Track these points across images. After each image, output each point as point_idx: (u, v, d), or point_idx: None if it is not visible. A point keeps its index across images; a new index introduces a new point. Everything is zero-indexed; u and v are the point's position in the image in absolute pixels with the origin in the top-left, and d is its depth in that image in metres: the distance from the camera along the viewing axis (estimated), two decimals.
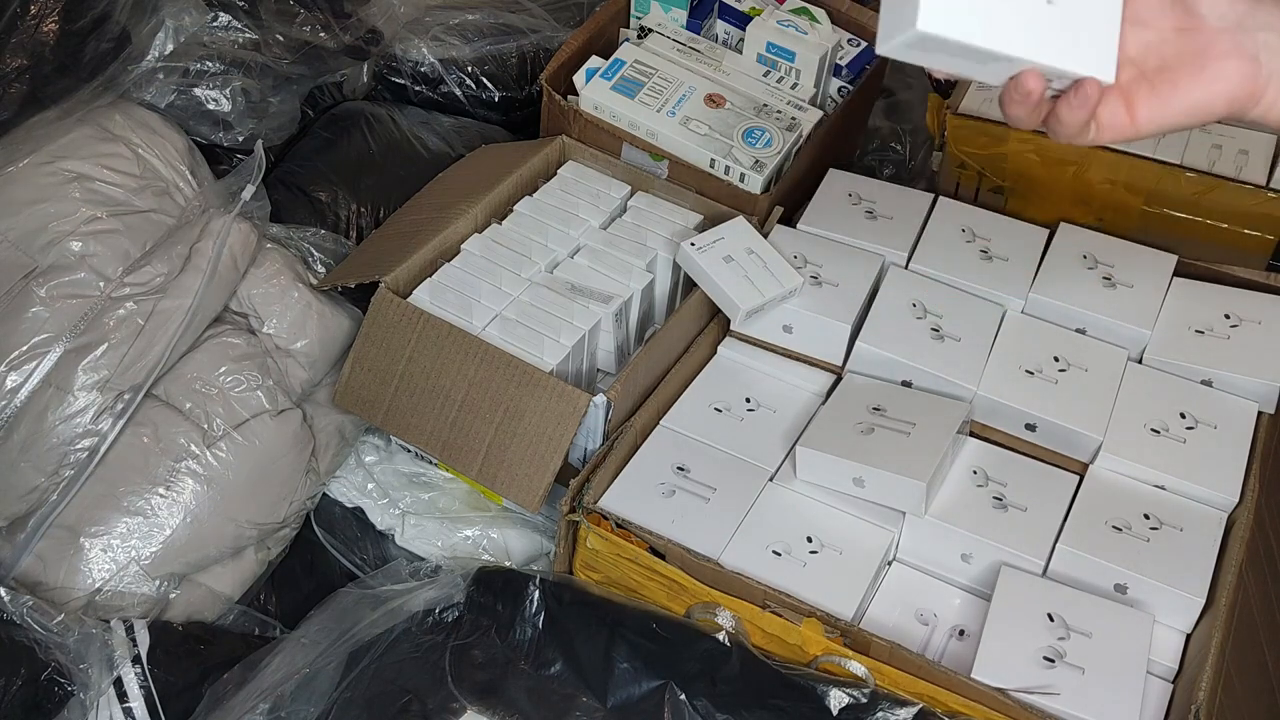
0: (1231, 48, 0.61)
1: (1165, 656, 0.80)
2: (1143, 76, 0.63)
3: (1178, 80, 0.62)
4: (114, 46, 1.00)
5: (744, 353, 1.00)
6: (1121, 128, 0.64)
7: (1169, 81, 0.62)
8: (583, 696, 0.78)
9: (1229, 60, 0.61)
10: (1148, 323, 0.97)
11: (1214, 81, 0.61)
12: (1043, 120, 0.65)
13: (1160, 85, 0.62)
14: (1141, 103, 0.63)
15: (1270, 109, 0.62)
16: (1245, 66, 0.61)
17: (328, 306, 1.00)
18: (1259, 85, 0.61)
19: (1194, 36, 0.62)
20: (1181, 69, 0.62)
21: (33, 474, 0.88)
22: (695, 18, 1.22)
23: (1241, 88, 0.61)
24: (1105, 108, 0.63)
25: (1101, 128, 0.64)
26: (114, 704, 0.81)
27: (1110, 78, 0.63)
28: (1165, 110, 0.63)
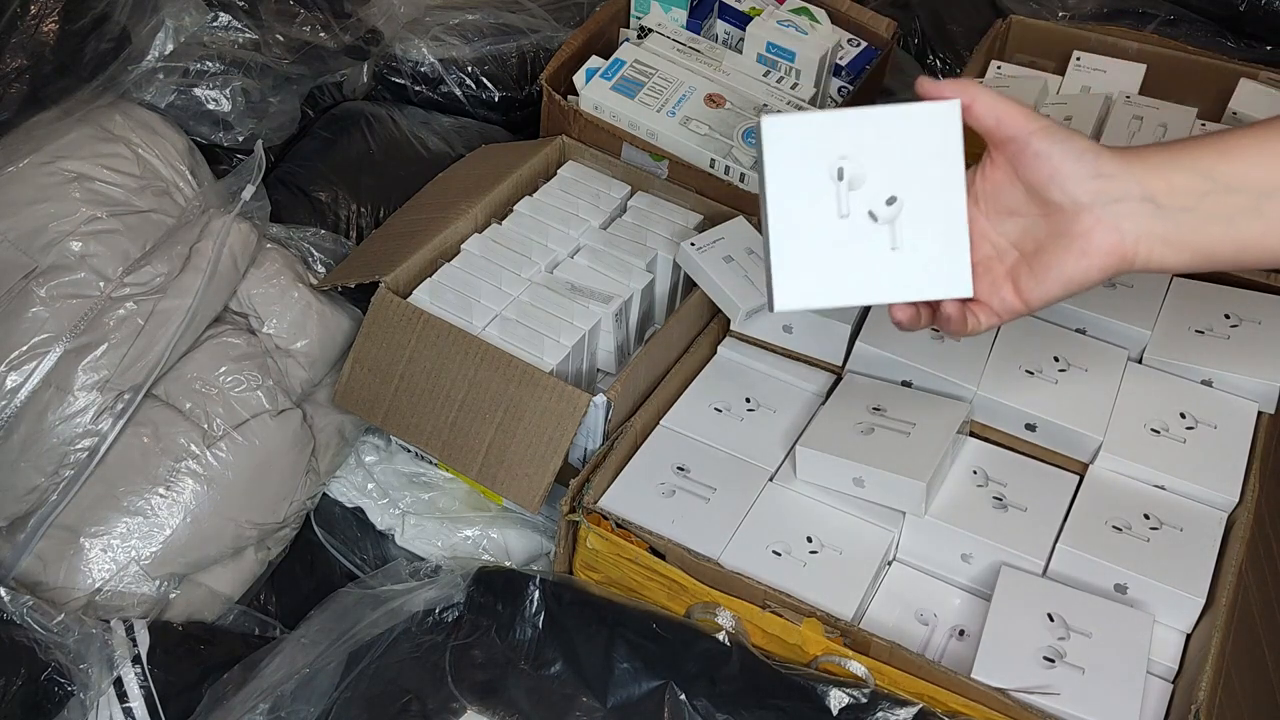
0: (1093, 225, 0.65)
1: (1165, 656, 0.80)
2: (1023, 259, 0.69)
3: (1052, 260, 0.67)
4: (114, 46, 1.00)
5: (744, 353, 1.00)
6: (1013, 308, 0.70)
7: (1045, 262, 0.67)
8: (583, 696, 0.78)
9: (1094, 235, 0.65)
10: (1148, 323, 0.97)
11: (1083, 256, 0.66)
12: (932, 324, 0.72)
13: (1038, 267, 0.68)
14: (1025, 284, 0.69)
15: (1147, 263, 0.66)
16: (1110, 237, 0.65)
17: (328, 306, 1.00)
18: (1127, 250, 0.65)
19: (1058, 219, 0.66)
20: (1054, 249, 0.67)
21: (33, 474, 0.88)
22: (695, 18, 1.22)
23: (1111, 256, 0.66)
24: (994, 295, 0.70)
25: (993, 313, 0.70)
26: (114, 704, 0.81)
27: (967, 291, 0.69)
28: (1048, 287, 0.68)
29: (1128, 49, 1.27)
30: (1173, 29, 1.39)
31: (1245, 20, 1.39)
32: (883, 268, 0.69)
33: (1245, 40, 1.40)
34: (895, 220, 0.69)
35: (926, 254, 0.69)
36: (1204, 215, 0.64)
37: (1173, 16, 1.41)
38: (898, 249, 0.69)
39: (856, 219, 0.69)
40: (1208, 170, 0.64)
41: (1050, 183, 0.66)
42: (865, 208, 0.69)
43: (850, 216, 0.69)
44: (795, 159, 0.68)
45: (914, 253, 0.69)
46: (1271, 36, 1.39)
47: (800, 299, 0.70)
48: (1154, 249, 0.65)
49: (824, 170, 0.68)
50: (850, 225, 0.69)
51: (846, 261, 0.69)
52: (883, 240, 0.69)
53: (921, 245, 0.69)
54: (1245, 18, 1.39)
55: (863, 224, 0.69)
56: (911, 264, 0.69)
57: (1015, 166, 0.67)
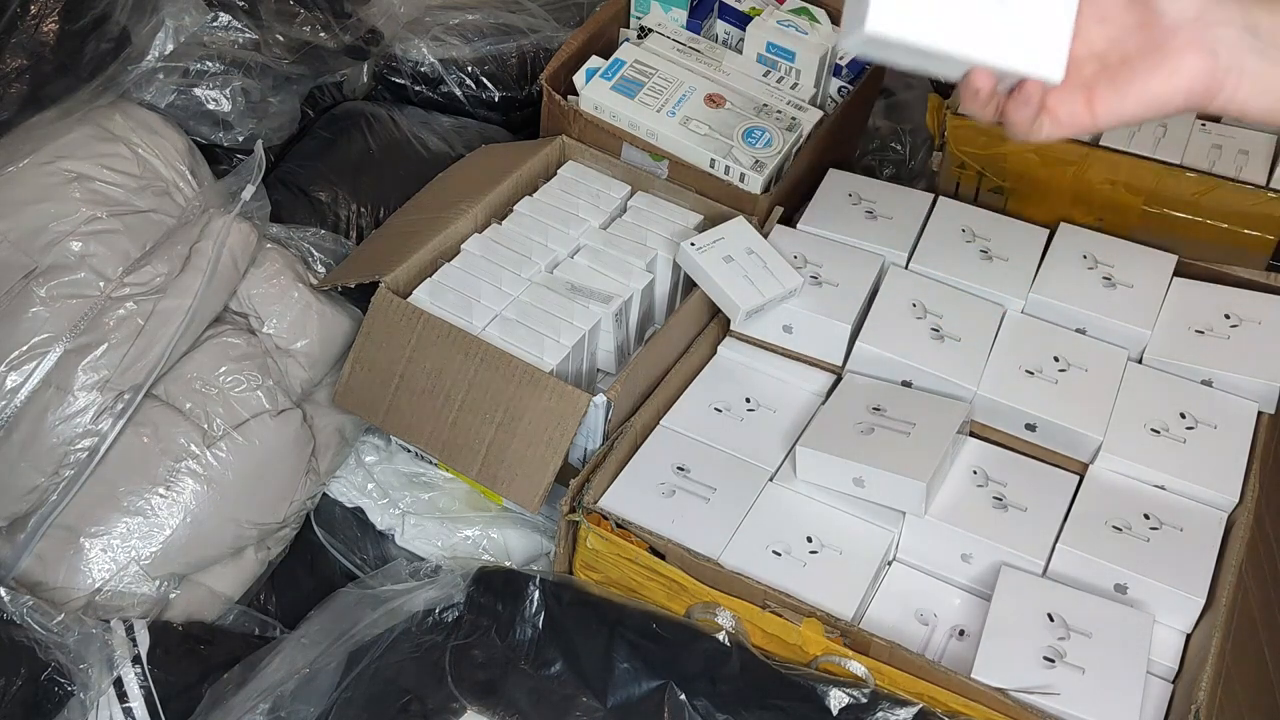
0: (1190, 42, 0.62)
1: (1165, 656, 0.80)
2: (1104, 70, 0.65)
3: (1136, 74, 0.64)
4: (114, 46, 1.00)
5: (744, 353, 1.00)
6: (1081, 122, 0.66)
7: (1128, 75, 0.64)
8: (583, 696, 0.78)
9: (1187, 54, 0.63)
10: (1148, 323, 0.97)
11: (1172, 75, 0.63)
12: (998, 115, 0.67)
13: (1120, 79, 0.64)
14: (1101, 96, 0.65)
15: (1230, 100, 0.63)
16: (1203, 60, 0.62)
17: (328, 306, 1.00)
18: (1217, 79, 0.63)
19: (1154, 32, 0.63)
20: (1141, 63, 0.64)
21: (33, 474, 0.88)
22: (695, 18, 1.22)
23: (1199, 81, 0.63)
24: (1063, 103, 0.65)
25: (1059, 122, 0.66)
26: (114, 704, 0.81)
27: (1058, 77, 0.64)
28: (1124, 103, 0.64)
29: None
30: None
31: None
32: (985, 21, 0.64)
33: None
34: None
35: (1030, 22, 0.64)
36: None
37: None
38: (1004, 6, 0.64)
39: None
40: None
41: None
42: None
43: None
44: None
45: (1019, 15, 0.64)
46: None
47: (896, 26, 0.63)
48: (1242, 84, 0.63)
49: None
50: None
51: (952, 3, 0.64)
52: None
53: (1028, 13, 0.64)
54: None
55: None
56: (1013, 27, 0.64)
57: None
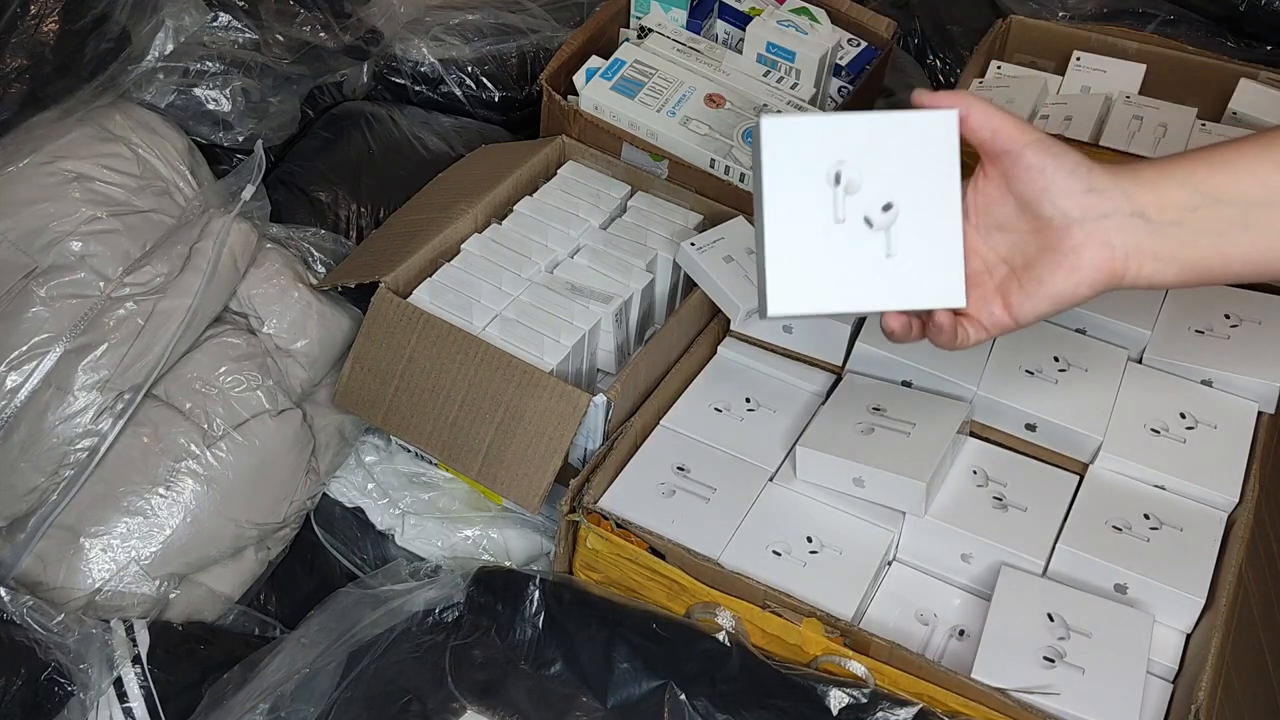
0: (1083, 240, 0.65)
1: (1165, 656, 0.80)
2: (1013, 274, 0.68)
3: (1042, 275, 0.67)
4: (114, 46, 1.00)
5: (744, 353, 1.00)
6: (1002, 323, 0.69)
7: (1035, 278, 0.67)
8: (583, 696, 0.78)
9: (1084, 252, 0.65)
10: (1148, 323, 0.97)
11: (1074, 272, 0.66)
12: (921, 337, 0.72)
13: (1028, 282, 0.67)
14: (1015, 300, 0.68)
15: (1137, 279, 0.66)
16: (1100, 253, 0.65)
17: (328, 306, 1.00)
18: (1117, 265, 0.65)
19: (1048, 235, 0.66)
20: (1043, 264, 0.67)
21: (33, 474, 0.88)
22: (695, 18, 1.22)
23: (1101, 271, 0.65)
24: (983, 309, 0.69)
25: (982, 327, 0.70)
26: (114, 704, 0.81)
27: (961, 302, 0.69)
28: (1037, 303, 0.68)
29: (1128, 49, 1.27)
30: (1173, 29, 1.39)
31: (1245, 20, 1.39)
32: (877, 275, 0.69)
33: (1245, 40, 1.40)
34: (891, 227, 0.68)
35: (921, 263, 0.69)
36: (1194, 229, 0.64)
37: (1173, 16, 1.41)
38: (892, 256, 0.69)
39: (852, 225, 0.68)
40: (1197, 184, 0.64)
41: (1042, 196, 0.65)
42: (861, 213, 0.68)
43: (846, 222, 0.68)
44: (793, 161, 0.68)
45: (908, 261, 0.69)
46: (1271, 36, 1.39)
47: (793, 305, 0.69)
48: (1144, 264, 0.65)
49: (821, 173, 0.68)
50: (846, 231, 0.68)
51: (841, 268, 0.69)
52: (878, 247, 0.69)
53: (916, 254, 0.69)
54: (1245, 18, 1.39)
55: (858, 230, 0.68)
56: (905, 272, 0.69)
57: (1008, 179, 0.67)
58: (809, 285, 0.69)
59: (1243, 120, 1.15)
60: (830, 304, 0.69)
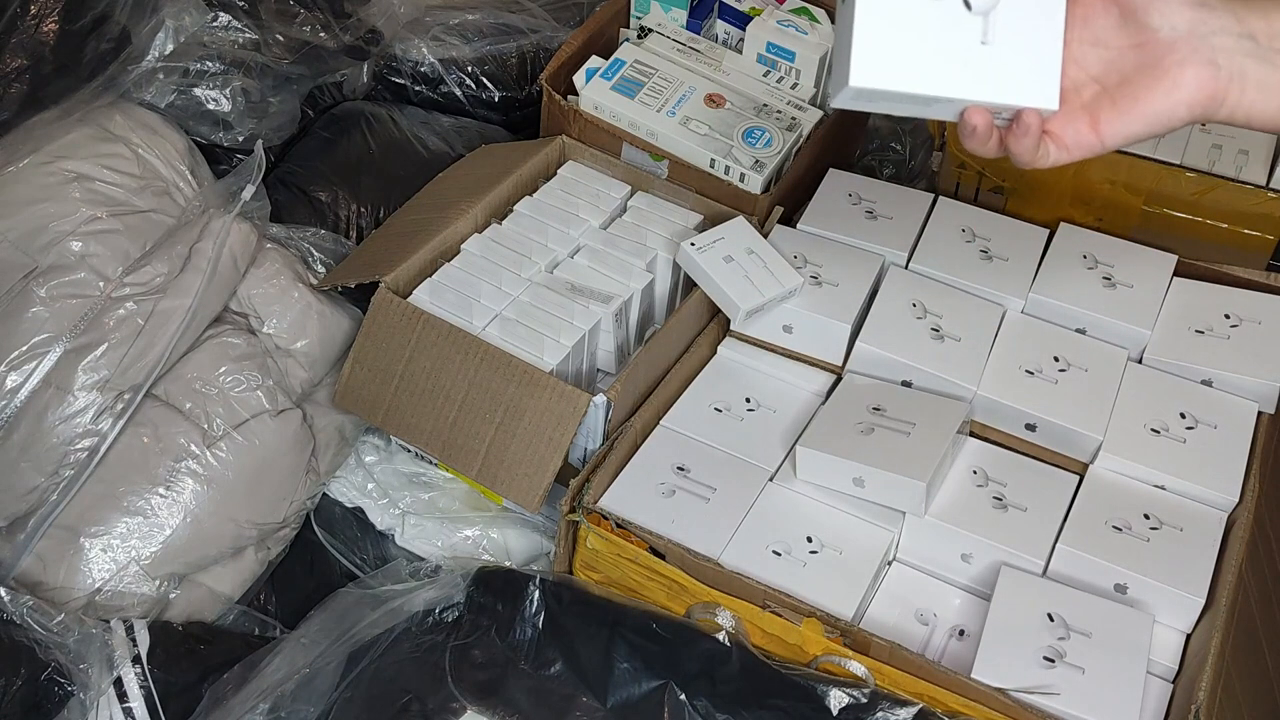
0: (1188, 55, 0.62)
1: (1165, 656, 0.80)
2: (1105, 93, 0.65)
3: (1138, 93, 0.64)
4: (114, 46, 1.00)
5: (744, 353, 1.00)
6: (1088, 144, 0.66)
7: (1130, 95, 0.64)
8: (583, 696, 0.78)
9: (1187, 68, 0.62)
10: (1148, 323, 0.97)
11: (1173, 90, 0.63)
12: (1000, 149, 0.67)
13: (1122, 99, 0.64)
14: (1105, 118, 0.65)
15: (1236, 107, 0.63)
16: (1203, 72, 0.62)
17: (328, 306, 1.00)
18: (1219, 87, 0.63)
19: (1151, 49, 0.63)
20: (1141, 81, 0.64)
21: (33, 474, 0.88)
22: (695, 18, 1.22)
23: (1202, 91, 0.63)
24: (1068, 128, 0.66)
25: (1066, 148, 0.66)
26: (114, 704, 0.81)
27: (1054, 105, 0.65)
28: (1129, 123, 0.64)
29: None
30: None
31: None
32: (970, 61, 0.64)
33: None
34: (991, 12, 0.64)
35: (1017, 56, 0.64)
36: None
37: None
38: (989, 44, 0.64)
39: (952, 3, 0.64)
40: None
41: (1150, 6, 0.63)
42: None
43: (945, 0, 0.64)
44: None
45: (1005, 51, 0.64)
46: None
47: (880, 76, 0.64)
48: (1246, 91, 0.62)
49: None
50: (944, 8, 0.64)
51: (934, 47, 0.64)
52: (974, 31, 0.64)
53: (1014, 45, 0.64)
54: None
55: (957, 9, 0.64)
56: (1000, 63, 0.64)
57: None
58: (898, 59, 0.64)
59: None
60: (917, 83, 0.64)
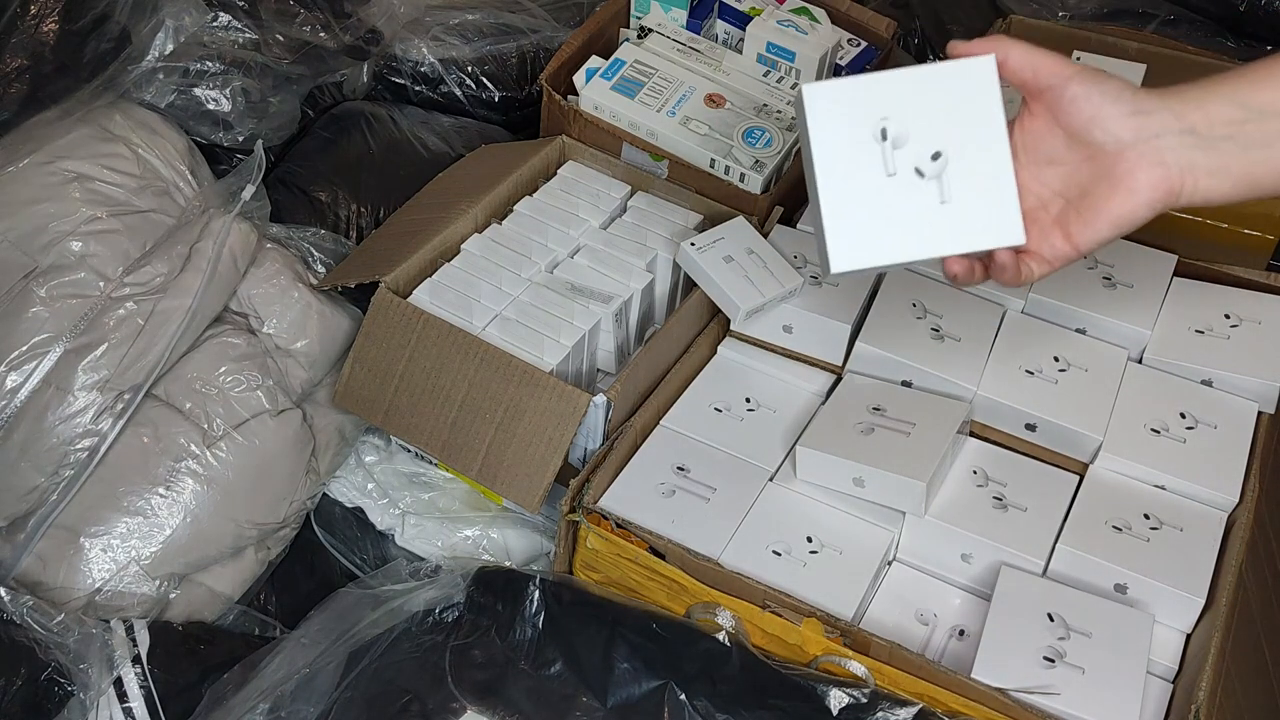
0: (1137, 161, 0.66)
1: (1165, 656, 0.80)
2: (1070, 205, 0.69)
3: (1099, 203, 0.68)
4: (114, 46, 1.00)
5: (744, 353, 1.00)
6: (1064, 254, 0.70)
7: (1092, 205, 0.68)
8: (583, 696, 0.78)
9: (1138, 173, 0.66)
10: (1148, 323, 0.97)
11: (1131, 195, 0.67)
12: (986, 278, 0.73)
13: (1086, 210, 0.68)
14: (1075, 229, 0.69)
15: (1194, 195, 0.67)
16: (1155, 173, 0.66)
17: (328, 306, 1.00)
18: (1173, 183, 0.66)
19: (1101, 161, 0.67)
20: (1100, 191, 0.68)
21: (33, 474, 0.88)
22: (695, 18, 1.22)
23: (1158, 190, 0.66)
24: (1044, 243, 0.70)
25: (1045, 261, 0.70)
26: (114, 704, 0.81)
27: (1020, 239, 0.70)
28: (1098, 230, 0.68)
29: (1128, 49, 1.27)
30: (1173, 29, 1.39)
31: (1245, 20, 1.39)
32: (934, 222, 0.69)
33: (1245, 40, 1.40)
34: (942, 175, 0.69)
35: (976, 205, 0.69)
36: (1244, 142, 0.65)
37: (1173, 16, 1.41)
38: (947, 202, 0.69)
39: (904, 176, 0.69)
40: (1243, 99, 0.65)
41: (1091, 125, 0.66)
42: (911, 165, 0.69)
43: (897, 175, 0.69)
44: (838, 123, 0.69)
45: (964, 205, 0.69)
46: (1271, 36, 1.39)
47: (855, 260, 0.69)
48: (1199, 180, 0.66)
49: (867, 132, 0.69)
50: (898, 183, 0.69)
51: (898, 219, 0.69)
52: (931, 195, 0.69)
53: (971, 197, 0.69)
54: (1245, 18, 1.39)
55: (910, 181, 0.69)
56: (962, 216, 0.69)
57: (1054, 114, 0.68)
58: (868, 239, 0.69)
59: None
60: (891, 255, 0.70)
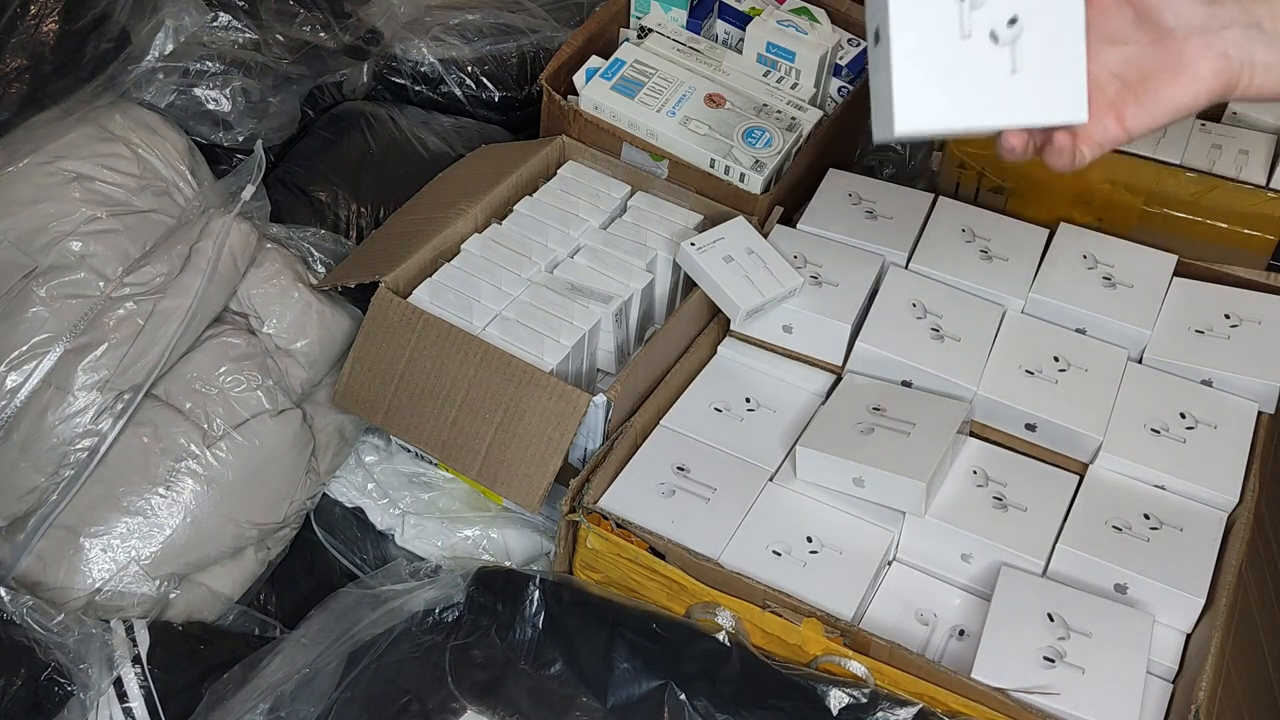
0: (1201, 49, 0.67)
1: (1165, 656, 0.80)
2: (1127, 88, 0.69)
3: (1158, 87, 0.68)
4: (114, 46, 1.00)
5: (744, 353, 1.00)
6: (1115, 137, 0.70)
7: (1151, 90, 0.68)
8: (583, 696, 0.78)
9: (1201, 61, 0.67)
10: (1148, 323, 0.97)
11: (1191, 83, 0.67)
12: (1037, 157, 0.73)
13: (1144, 94, 0.69)
14: (1130, 112, 0.69)
15: (1248, 90, 0.68)
16: (1217, 63, 0.67)
17: (328, 306, 1.00)
18: (1233, 75, 0.67)
19: (1166, 46, 0.68)
20: (1160, 76, 0.68)
21: (33, 474, 0.88)
22: (695, 18, 1.22)
23: (1218, 81, 0.67)
24: (1095, 124, 0.70)
25: (1095, 143, 0.70)
26: (114, 704, 0.81)
27: (1084, 118, 0.69)
28: (1153, 114, 0.69)
29: None
30: None
31: None
32: (1002, 91, 0.69)
33: None
34: (1016, 41, 0.68)
35: (1046, 78, 0.69)
36: None
37: None
38: (1018, 71, 0.69)
39: (978, 40, 0.68)
40: None
41: (1163, 6, 0.67)
42: (988, 27, 0.68)
43: (972, 37, 0.68)
44: None
45: (1034, 76, 0.69)
46: None
47: (922, 120, 0.68)
48: (1256, 74, 0.67)
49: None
50: (972, 46, 0.68)
51: (967, 84, 0.68)
52: (1003, 62, 0.69)
53: (1041, 68, 0.69)
54: None
55: (984, 44, 0.68)
56: (1031, 88, 0.69)
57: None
58: (936, 101, 0.68)
59: (1243, 120, 1.14)
60: (957, 120, 0.69)
